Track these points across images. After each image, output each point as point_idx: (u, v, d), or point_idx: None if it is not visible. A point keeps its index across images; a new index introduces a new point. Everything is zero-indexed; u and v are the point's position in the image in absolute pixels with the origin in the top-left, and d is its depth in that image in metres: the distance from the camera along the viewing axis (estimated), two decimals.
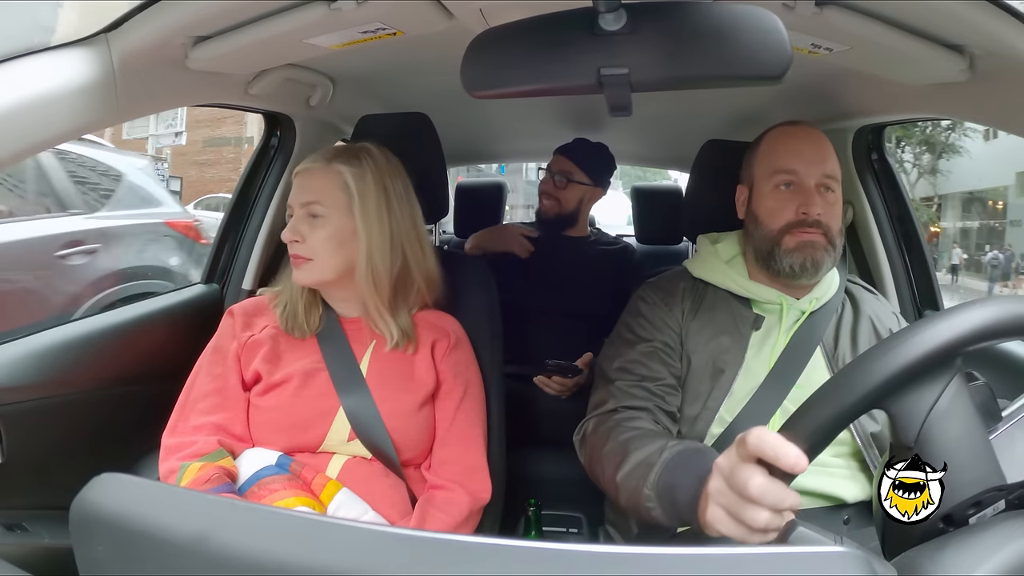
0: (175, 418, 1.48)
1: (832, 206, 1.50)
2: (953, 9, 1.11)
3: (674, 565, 0.52)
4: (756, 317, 1.55)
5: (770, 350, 1.51)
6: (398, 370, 1.54)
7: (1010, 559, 0.70)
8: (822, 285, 1.56)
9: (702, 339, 1.53)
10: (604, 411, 1.48)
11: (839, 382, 0.84)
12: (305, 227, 1.49)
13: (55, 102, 1.09)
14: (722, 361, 1.51)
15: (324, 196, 1.49)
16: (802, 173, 1.50)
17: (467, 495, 1.49)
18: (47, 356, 1.60)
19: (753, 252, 1.57)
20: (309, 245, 1.48)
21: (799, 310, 1.54)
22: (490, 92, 1.01)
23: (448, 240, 3.50)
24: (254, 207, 2.20)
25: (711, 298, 1.58)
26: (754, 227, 1.56)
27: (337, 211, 1.50)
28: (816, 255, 1.47)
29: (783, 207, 1.50)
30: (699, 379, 1.51)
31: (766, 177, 1.55)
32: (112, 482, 0.64)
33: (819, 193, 1.49)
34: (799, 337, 1.52)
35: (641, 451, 1.29)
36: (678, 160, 3.56)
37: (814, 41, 1.30)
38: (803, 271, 1.48)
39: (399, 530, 0.61)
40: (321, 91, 1.96)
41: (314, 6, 1.21)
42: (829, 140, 1.57)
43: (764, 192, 1.55)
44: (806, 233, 1.47)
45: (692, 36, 0.92)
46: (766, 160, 1.56)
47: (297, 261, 1.49)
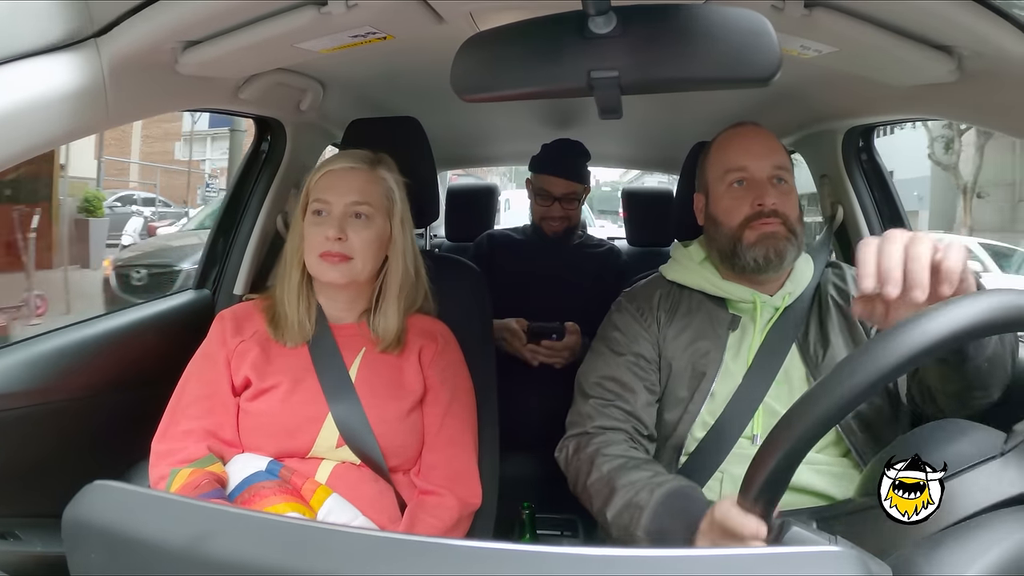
0: (165, 424, 1.47)
1: (787, 195, 1.52)
2: (942, 10, 1.11)
3: (669, 566, 0.53)
4: (733, 318, 1.56)
5: (747, 349, 1.52)
6: (387, 376, 1.55)
7: (1004, 556, 0.70)
8: (795, 279, 1.57)
9: (680, 345, 1.55)
10: (582, 432, 1.51)
11: (776, 433, 0.82)
12: (348, 226, 1.50)
13: (44, 107, 1.08)
14: (702, 365, 1.52)
15: (371, 198, 1.52)
16: (752, 168, 1.52)
17: (456, 500, 1.49)
18: (39, 363, 1.59)
19: (717, 254, 1.58)
20: (351, 244, 1.49)
21: (773, 307, 1.54)
22: (480, 96, 1.01)
23: (439, 244, 3.49)
24: (245, 212, 2.19)
25: (687, 303, 1.60)
26: (714, 229, 1.58)
27: (380, 214, 1.53)
28: (778, 245, 1.48)
29: (739, 204, 1.52)
30: (680, 384, 1.53)
31: (719, 178, 1.57)
32: (104, 490, 0.64)
33: (772, 185, 1.51)
34: (774, 334, 1.52)
35: (628, 488, 1.33)
36: (668, 162, 3.57)
37: (803, 43, 1.31)
38: (768, 263, 1.49)
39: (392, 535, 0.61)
40: (311, 95, 1.96)
41: (304, 10, 1.21)
42: (774, 135, 1.60)
43: (719, 193, 1.57)
44: (765, 224, 1.49)
45: (682, 39, 0.92)
46: (717, 163, 1.59)
47: (334, 259, 1.49)
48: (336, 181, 1.53)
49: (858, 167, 2.13)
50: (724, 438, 1.48)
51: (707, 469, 1.48)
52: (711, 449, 1.49)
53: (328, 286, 1.55)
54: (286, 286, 1.55)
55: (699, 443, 1.49)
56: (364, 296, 1.59)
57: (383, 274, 1.58)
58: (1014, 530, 0.73)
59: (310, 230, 1.51)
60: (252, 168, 2.21)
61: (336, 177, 1.53)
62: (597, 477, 1.39)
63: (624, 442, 1.47)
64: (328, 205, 1.51)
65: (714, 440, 1.49)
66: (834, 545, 0.76)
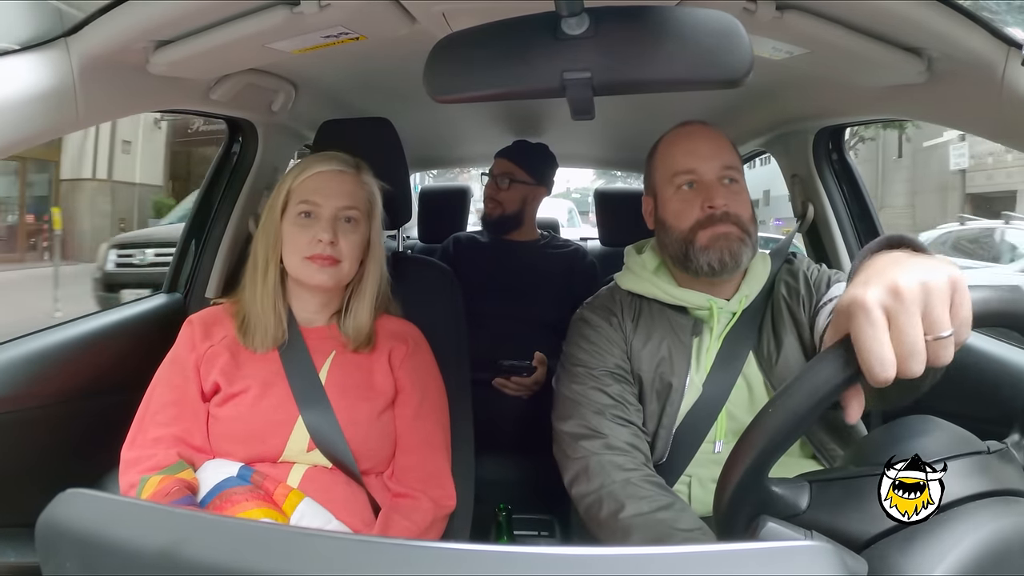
0: (134, 431, 1.46)
1: (737, 195, 1.49)
2: (912, 12, 1.12)
3: (645, 564, 0.53)
4: (695, 322, 1.53)
5: (706, 356, 1.51)
6: (357, 378, 1.54)
7: (977, 547, 0.71)
8: (750, 280, 1.54)
9: (647, 355, 1.51)
10: (588, 494, 1.40)
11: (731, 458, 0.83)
12: (338, 230, 1.50)
13: (12, 108, 1.07)
14: (667, 375, 1.49)
15: (359, 202, 1.53)
16: (701, 170, 1.49)
17: (430, 502, 1.49)
18: (8, 370, 1.57)
19: (670, 259, 1.55)
20: (340, 248, 1.49)
21: (730, 312, 1.52)
22: (453, 96, 1.01)
23: (412, 246, 3.49)
24: (216, 214, 2.17)
25: (647, 310, 1.56)
26: (664, 233, 1.54)
27: (364, 219, 1.54)
28: (732, 247, 1.45)
29: (688, 206, 1.48)
30: (649, 398, 1.50)
31: (667, 181, 1.53)
32: (78, 498, 0.63)
33: (722, 185, 1.48)
34: (731, 338, 1.51)
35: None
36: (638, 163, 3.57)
37: (775, 45, 1.32)
38: (723, 267, 1.45)
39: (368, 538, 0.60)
40: (283, 96, 1.95)
41: (276, 10, 1.21)
42: (723, 134, 1.57)
43: (667, 196, 1.53)
44: (717, 227, 1.45)
45: (654, 40, 0.92)
46: (664, 165, 1.55)
47: (324, 262, 1.48)
48: (325, 184, 1.52)
49: (829, 167, 2.15)
50: (688, 444, 1.48)
51: (674, 473, 1.49)
52: (677, 455, 1.49)
53: (304, 289, 1.55)
54: (258, 289, 1.53)
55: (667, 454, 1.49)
56: (336, 299, 1.59)
57: (357, 277, 1.58)
58: (987, 521, 0.73)
59: (295, 231, 1.50)
60: (223, 170, 2.19)
61: (325, 180, 1.52)
62: (637, 539, 1.30)
63: (640, 468, 1.41)
64: (318, 208, 1.50)
65: (679, 446, 1.49)
66: (810, 540, 0.77)
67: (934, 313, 0.72)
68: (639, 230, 1.70)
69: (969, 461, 0.80)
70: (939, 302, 0.72)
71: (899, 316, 0.72)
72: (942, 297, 0.72)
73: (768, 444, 0.78)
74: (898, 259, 0.81)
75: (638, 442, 1.45)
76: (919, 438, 0.85)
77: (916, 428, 0.88)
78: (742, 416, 1.46)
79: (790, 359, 1.46)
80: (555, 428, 1.52)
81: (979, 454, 0.81)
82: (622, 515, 1.32)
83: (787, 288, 1.54)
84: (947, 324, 0.72)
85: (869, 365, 0.71)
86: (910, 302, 0.72)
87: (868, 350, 0.72)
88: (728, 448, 1.00)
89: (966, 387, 1.22)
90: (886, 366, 0.71)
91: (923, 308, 0.72)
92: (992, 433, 0.86)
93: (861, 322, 0.73)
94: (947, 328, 0.72)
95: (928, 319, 0.72)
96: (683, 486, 1.48)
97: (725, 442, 1.47)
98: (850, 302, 0.75)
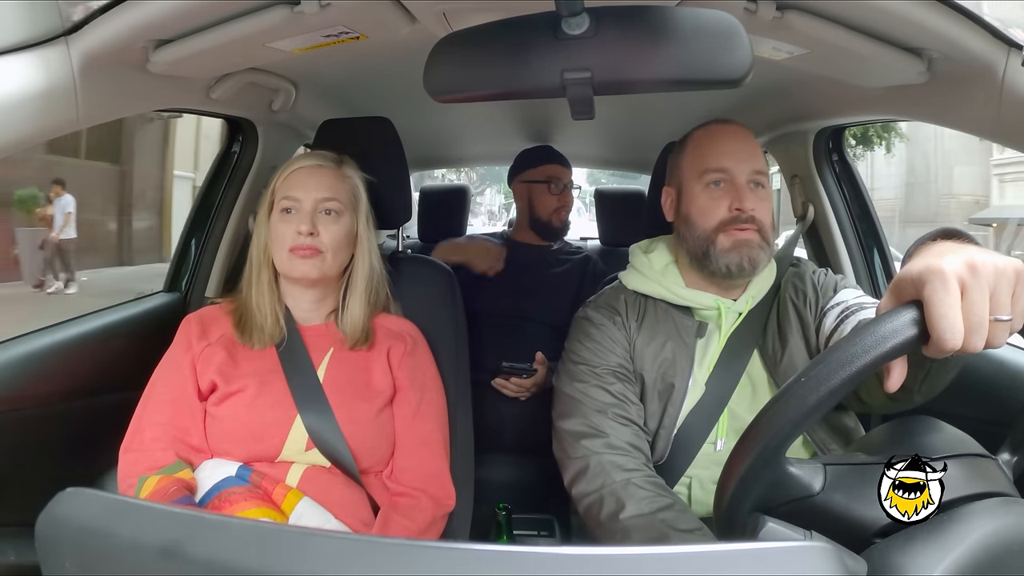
0: (132, 430, 1.46)
1: (763, 202, 1.48)
2: (912, 13, 1.12)
3: (644, 564, 0.53)
4: (699, 325, 1.53)
5: (711, 355, 1.51)
6: (355, 377, 1.54)
7: (977, 547, 0.71)
8: (757, 283, 1.54)
9: (649, 355, 1.52)
10: (589, 494, 1.41)
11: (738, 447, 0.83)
12: (318, 221, 1.51)
13: (12, 108, 1.06)
14: (670, 375, 1.50)
15: (340, 194, 1.54)
16: (733, 171, 1.48)
17: (430, 501, 1.49)
18: (8, 369, 1.56)
19: (687, 255, 1.54)
20: (321, 239, 1.50)
21: (736, 312, 1.52)
22: (453, 96, 1.01)
23: (412, 245, 3.48)
24: (216, 213, 2.17)
25: (652, 310, 1.56)
26: (686, 228, 1.53)
27: (348, 211, 1.55)
28: (752, 253, 1.45)
29: (716, 205, 1.48)
30: (651, 398, 1.51)
31: (696, 177, 1.52)
32: (78, 497, 0.63)
33: (750, 189, 1.48)
34: (736, 338, 1.51)
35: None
36: (638, 163, 3.57)
37: (775, 45, 1.32)
38: (740, 271, 1.46)
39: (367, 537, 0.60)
40: (283, 96, 1.94)
41: (276, 9, 1.20)
42: (753, 137, 1.57)
43: (695, 192, 1.52)
44: (741, 231, 1.45)
45: (654, 40, 0.92)
46: (695, 160, 1.54)
47: (306, 253, 1.49)
48: (304, 178, 1.53)
49: (829, 167, 2.15)
50: (690, 444, 1.48)
51: (675, 474, 1.49)
52: (678, 455, 1.49)
53: (296, 285, 1.56)
54: (254, 287, 1.55)
55: (669, 450, 1.49)
56: (331, 295, 1.60)
57: (349, 272, 1.59)
58: (987, 521, 0.73)
59: (278, 227, 1.51)
60: (223, 169, 2.19)
61: (304, 174, 1.54)
62: (639, 540, 1.31)
63: (641, 468, 1.42)
64: (298, 202, 1.51)
65: (680, 446, 1.49)
66: (809, 540, 0.77)
67: (1000, 296, 0.74)
68: (639, 230, 1.70)
69: (969, 461, 0.80)
70: (1007, 286, 0.74)
71: (972, 290, 0.73)
72: (1010, 282, 0.75)
73: (819, 399, 0.76)
74: (965, 246, 0.83)
75: (639, 442, 1.46)
76: (919, 438, 0.85)
77: (916, 428, 0.88)
78: (744, 415, 1.46)
79: (795, 358, 1.47)
80: (556, 426, 1.52)
81: (979, 456, 0.82)
82: (622, 515, 1.33)
83: (795, 290, 1.55)
84: (1009, 309, 0.74)
85: (941, 330, 0.72)
86: (984, 278, 0.74)
87: (942, 316, 0.72)
88: (729, 446, 1.00)
89: (965, 387, 1.22)
90: (956, 333, 0.72)
91: (992, 289, 0.74)
92: (991, 434, 0.86)
93: (937, 287, 0.73)
94: (1009, 312, 0.74)
95: (994, 300, 0.74)
96: (683, 487, 1.48)
97: (726, 440, 1.47)
98: (924, 269, 0.75)
